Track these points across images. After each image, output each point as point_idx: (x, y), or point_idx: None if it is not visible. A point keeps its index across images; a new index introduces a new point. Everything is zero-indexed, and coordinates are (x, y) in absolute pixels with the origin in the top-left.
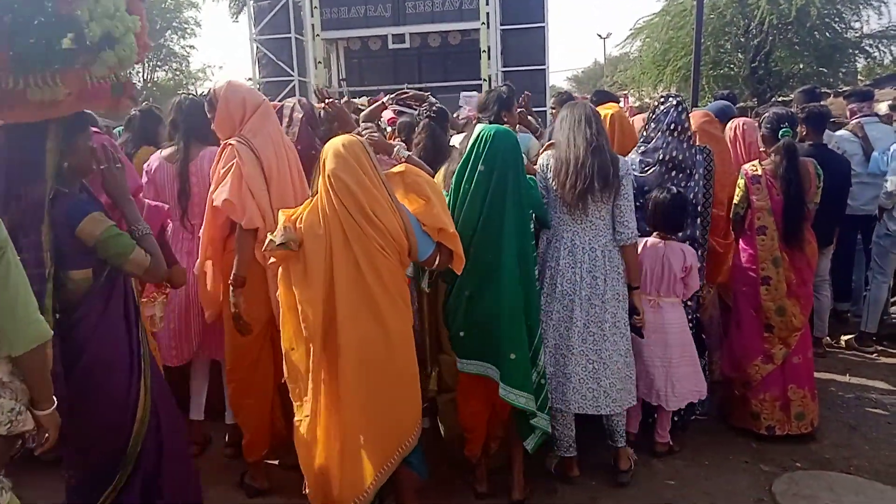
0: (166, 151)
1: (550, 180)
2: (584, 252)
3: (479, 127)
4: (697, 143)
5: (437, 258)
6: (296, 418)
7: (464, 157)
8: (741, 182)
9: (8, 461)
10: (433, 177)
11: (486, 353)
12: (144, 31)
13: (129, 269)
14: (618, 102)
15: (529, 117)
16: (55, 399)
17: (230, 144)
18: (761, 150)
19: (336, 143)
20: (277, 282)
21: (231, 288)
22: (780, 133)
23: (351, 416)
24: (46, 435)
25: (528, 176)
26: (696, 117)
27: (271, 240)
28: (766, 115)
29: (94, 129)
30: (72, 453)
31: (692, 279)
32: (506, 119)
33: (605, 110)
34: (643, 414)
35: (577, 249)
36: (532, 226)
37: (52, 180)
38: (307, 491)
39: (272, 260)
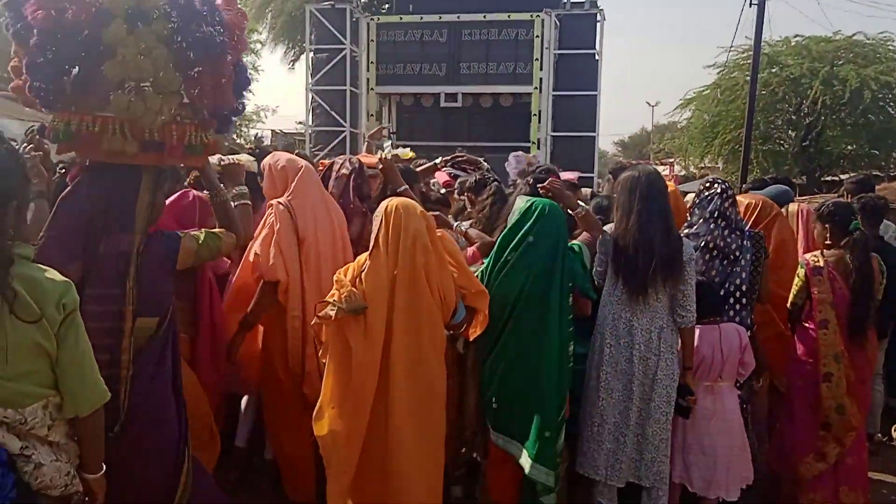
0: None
1: (611, 259)
2: (641, 333)
3: (526, 199)
4: (750, 228)
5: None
6: (330, 486)
7: (511, 226)
8: (801, 272)
9: None
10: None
11: (516, 431)
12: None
13: (225, 253)
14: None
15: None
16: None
17: (271, 205)
18: (826, 242)
19: (406, 203)
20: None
21: (239, 328)
22: (852, 226)
23: (396, 476)
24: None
25: (572, 243)
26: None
27: (339, 307)
28: (826, 205)
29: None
30: None
31: (748, 356)
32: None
33: None
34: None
35: (634, 331)
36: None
37: (142, 234)
38: None
39: (314, 321)
